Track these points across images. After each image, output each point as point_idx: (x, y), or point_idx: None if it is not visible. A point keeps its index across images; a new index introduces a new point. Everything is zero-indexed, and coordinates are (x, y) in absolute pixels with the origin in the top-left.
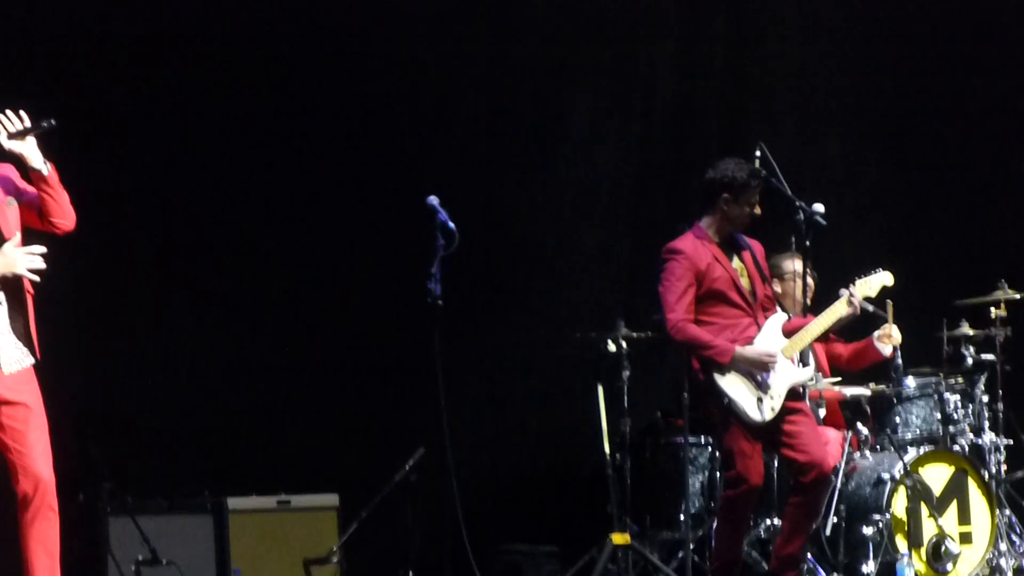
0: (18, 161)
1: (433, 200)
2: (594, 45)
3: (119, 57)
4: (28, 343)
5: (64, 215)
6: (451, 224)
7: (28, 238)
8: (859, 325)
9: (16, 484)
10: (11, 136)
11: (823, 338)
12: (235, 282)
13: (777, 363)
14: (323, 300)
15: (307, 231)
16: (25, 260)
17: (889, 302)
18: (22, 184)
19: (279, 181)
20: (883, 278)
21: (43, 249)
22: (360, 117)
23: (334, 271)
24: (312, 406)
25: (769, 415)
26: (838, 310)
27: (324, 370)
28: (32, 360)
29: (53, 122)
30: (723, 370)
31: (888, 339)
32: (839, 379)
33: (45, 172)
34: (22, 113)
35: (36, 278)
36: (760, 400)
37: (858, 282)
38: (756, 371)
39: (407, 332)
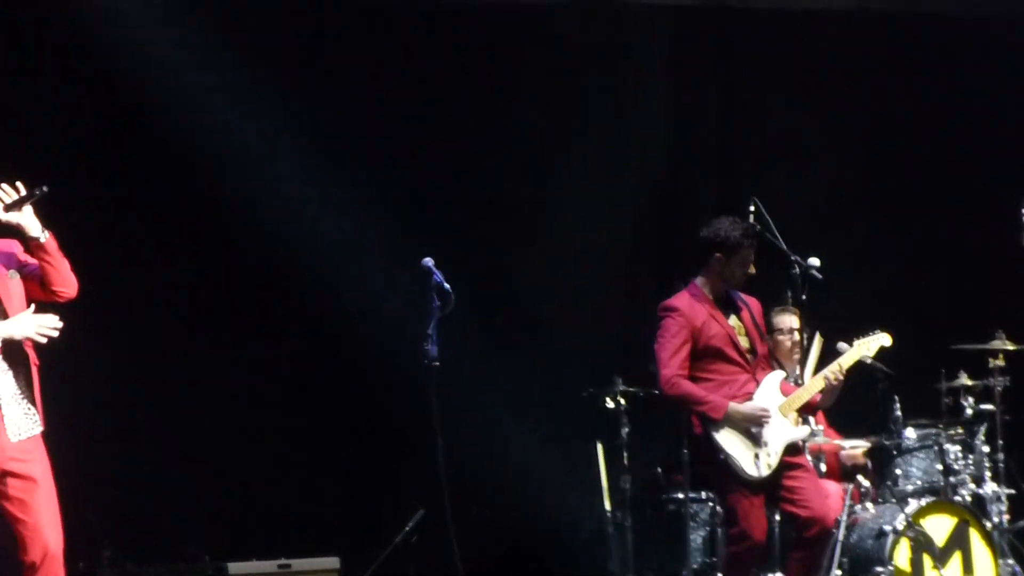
0: (18, 233)
1: (428, 262)
2: (588, 107)
3: (118, 119)
4: (36, 411)
5: (65, 283)
6: (447, 285)
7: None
8: (864, 382)
9: (23, 554)
10: (7, 208)
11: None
12: (234, 348)
13: (772, 418)
14: (321, 364)
15: (305, 295)
16: (35, 324)
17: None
18: (23, 257)
19: (277, 246)
20: (881, 339)
21: (56, 320)
22: (358, 179)
23: (332, 335)
24: (312, 469)
25: (766, 471)
26: (822, 380)
27: (323, 433)
28: (40, 428)
29: (46, 188)
30: (719, 426)
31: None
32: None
33: (43, 240)
34: (18, 184)
35: (43, 340)
36: (757, 456)
37: (856, 343)
38: (751, 426)
39: (405, 394)
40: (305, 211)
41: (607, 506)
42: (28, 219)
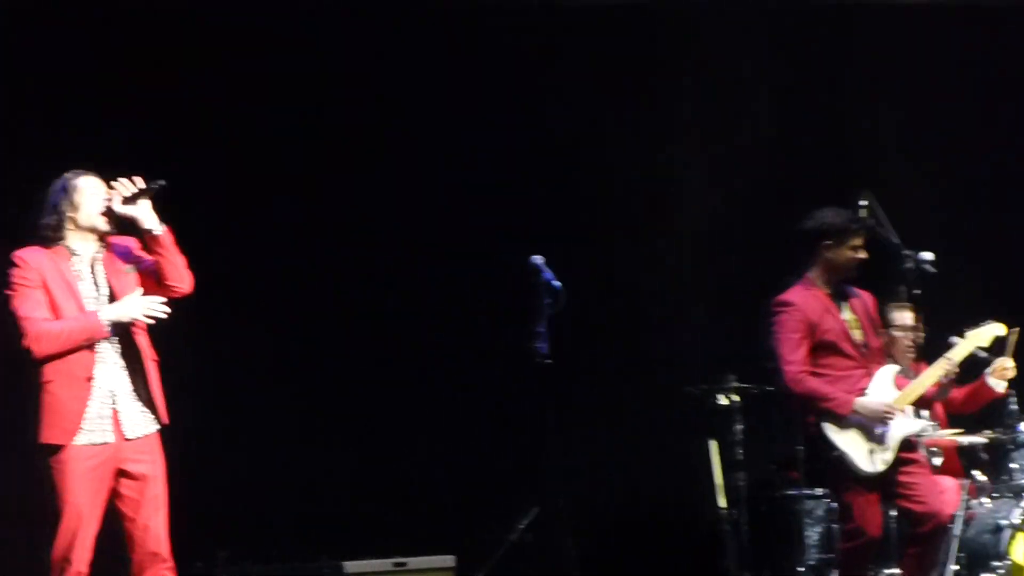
0: (136, 229)
1: (537, 259)
2: (699, 103)
3: (236, 118)
4: (153, 409)
5: (180, 278)
6: (556, 283)
7: None
8: (974, 374)
9: (131, 552)
10: (125, 201)
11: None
12: (348, 345)
13: (896, 416)
14: (436, 361)
15: (418, 294)
16: (142, 306)
17: (1015, 331)
18: (140, 253)
19: (386, 242)
20: (994, 329)
21: (163, 300)
22: (470, 178)
23: (445, 331)
24: (427, 468)
25: (881, 467)
26: (939, 368)
27: (438, 431)
28: (157, 426)
29: (163, 182)
30: (836, 422)
31: (1003, 372)
32: (960, 431)
33: (159, 233)
34: (136, 178)
35: (151, 321)
36: (872, 452)
37: (968, 333)
38: (873, 423)
39: (519, 391)
40: (414, 209)
41: (722, 503)
42: (145, 212)
